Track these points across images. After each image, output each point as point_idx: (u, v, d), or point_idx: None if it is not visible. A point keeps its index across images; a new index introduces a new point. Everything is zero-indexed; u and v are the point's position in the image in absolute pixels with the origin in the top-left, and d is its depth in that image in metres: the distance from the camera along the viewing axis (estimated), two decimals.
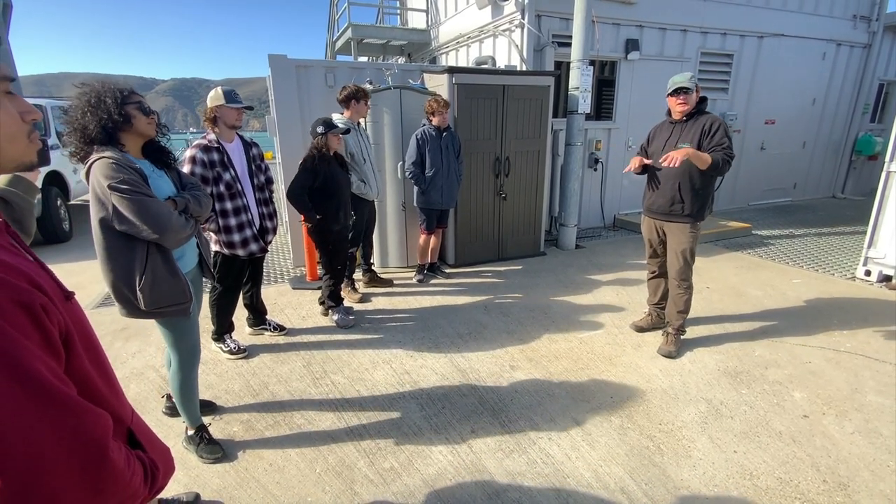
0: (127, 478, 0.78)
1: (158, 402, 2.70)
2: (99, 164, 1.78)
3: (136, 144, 1.95)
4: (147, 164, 1.99)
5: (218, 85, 3.01)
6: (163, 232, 1.84)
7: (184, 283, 1.97)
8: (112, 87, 1.82)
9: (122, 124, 1.83)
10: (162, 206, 1.86)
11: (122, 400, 0.92)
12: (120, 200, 1.76)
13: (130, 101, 1.85)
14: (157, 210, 1.82)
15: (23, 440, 0.63)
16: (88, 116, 1.77)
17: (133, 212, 1.78)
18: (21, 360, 0.64)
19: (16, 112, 0.82)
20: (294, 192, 3.36)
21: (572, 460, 2.28)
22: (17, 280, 0.69)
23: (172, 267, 1.94)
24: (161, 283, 1.89)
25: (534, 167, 5.25)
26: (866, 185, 9.57)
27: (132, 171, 1.81)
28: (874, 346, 3.35)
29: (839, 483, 2.13)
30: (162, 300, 1.91)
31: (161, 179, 2.02)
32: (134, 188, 1.78)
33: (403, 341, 3.49)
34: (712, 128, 2.99)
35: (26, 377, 0.64)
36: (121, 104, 1.81)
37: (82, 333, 0.82)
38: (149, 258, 1.87)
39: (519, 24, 5.70)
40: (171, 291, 1.92)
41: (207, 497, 2.08)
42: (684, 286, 3.24)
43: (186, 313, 2.03)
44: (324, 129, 3.32)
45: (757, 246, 5.96)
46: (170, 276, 1.92)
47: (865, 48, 8.48)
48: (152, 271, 1.87)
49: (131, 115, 1.85)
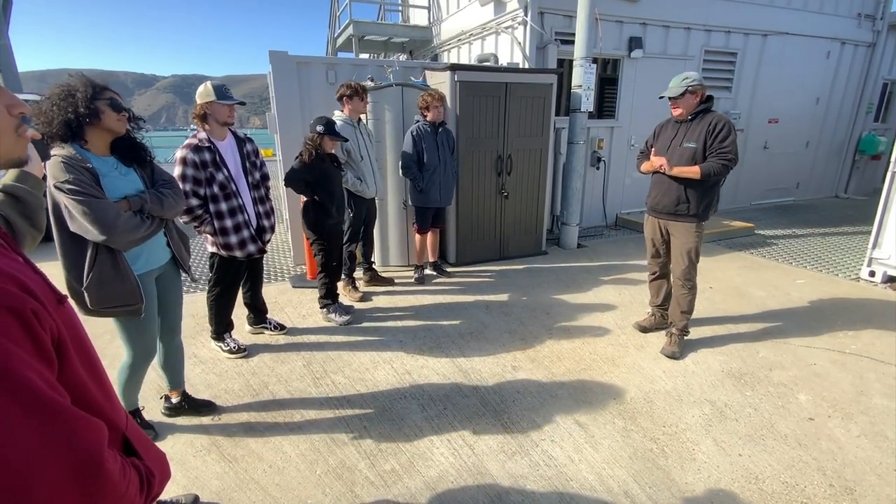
0: (122, 488, 0.76)
1: (156, 402, 2.68)
2: (50, 164, 1.77)
3: (103, 141, 1.91)
4: (111, 161, 1.95)
5: (219, 81, 2.95)
6: (109, 234, 1.80)
7: (133, 284, 1.93)
8: (85, 82, 1.79)
9: (88, 119, 1.80)
10: (109, 207, 1.82)
11: (116, 406, 0.90)
12: (67, 200, 1.76)
13: (101, 96, 1.82)
14: (102, 211, 1.78)
15: (14, 452, 0.61)
16: (54, 110, 1.75)
17: (80, 212, 1.76)
18: (11, 369, 0.62)
19: (2, 106, 0.79)
20: (289, 179, 3.41)
21: (575, 463, 2.26)
22: (6, 284, 0.67)
23: (122, 268, 1.91)
24: (108, 284, 1.87)
25: (536, 165, 5.22)
26: (869, 184, 9.53)
27: (82, 171, 1.79)
28: (879, 348, 3.32)
29: (845, 487, 2.11)
30: (109, 301, 1.89)
31: (124, 178, 1.97)
32: (79, 189, 1.76)
33: (404, 341, 3.47)
34: (717, 128, 2.95)
35: (17, 386, 0.62)
36: (90, 99, 1.78)
37: (75, 339, 0.80)
38: (97, 258, 1.84)
39: (521, 22, 5.66)
40: (119, 292, 1.89)
41: (206, 499, 2.06)
42: (688, 286, 3.21)
43: (137, 314, 2.00)
44: (322, 130, 3.31)
45: (760, 246, 5.93)
46: (118, 277, 1.88)
47: (870, 47, 8.43)
48: (99, 271, 1.85)
49: (100, 111, 1.81)
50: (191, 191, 2.73)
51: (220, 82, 2.91)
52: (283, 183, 3.40)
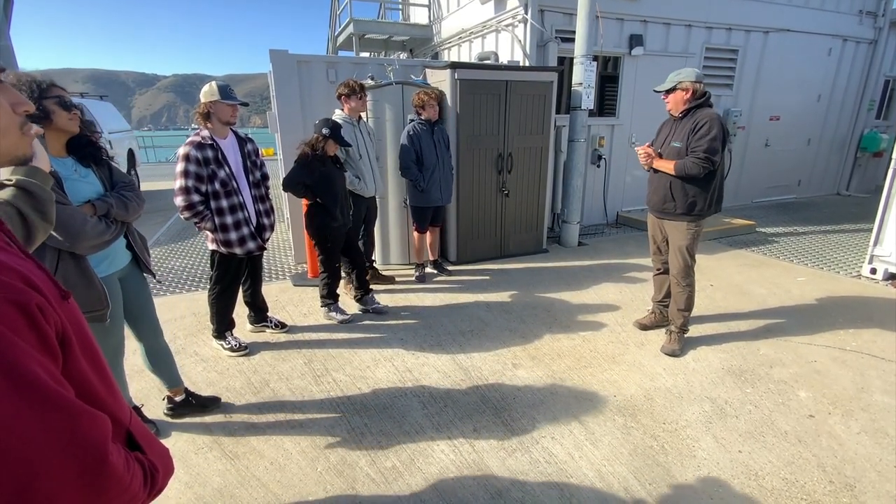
0: (126, 481, 0.77)
1: (159, 402, 2.69)
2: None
3: (58, 141, 1.85)
4: (69, 162, 1.89)
5: (221, 81, 2.97)
6: (74, 240, 1.73)
7: (99, 290, 1.85)
8: (28, 80, 1.70)
9: (39, 122, 1.70)
10: (75, 213, 1.75)
11: (120, 402, 0.90)
12: None
13: (49, 94, 1.73)
14: (68, 218, 1.70)
15: (18, 444, 0.61)
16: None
17: None
18: (16, 362, 0.62)
19: (6, 104, 0.79)
20: (286, 183, 3.40)
21: (575, 459, 2.27)
22: (11, 279, 0.67)
23: (87, 274, 1.82)
24: (73, 290, 1.84)
25: (536, 164, 5.21)
26: (871, 182, 9.50)
27: None
28: (880, 345, 3.32)
29: (846, 484, 2.11)
30: None
31: (83, 181, 1.91)
32: None
33: (405, 339, 3.47)
34: (698, 125, 2.93)
35: (21, 379, 0.62)
36: (37, 99, 1.69)
37: (79, 334, 0.80)
38: (59, 264, 1.75)
39: (522, 20, 5.65)
40: (85, 299, 1.80)
41: (207, 498, 2.07)
42: (684, 284, 3.21)
43: (102, 320, 1.91)
44: (328, 134, 3.31)
45: (761, 243, 5.92)
46: (83, 283, 1.79)
47: (871, 44, 8.40)
48: (63, 278, 1.75)
49: (49, 111, 1.74)
50: (193, 187, 2.74)
51: (225, 82, 2.94)
52: (282, 188, 3.39)
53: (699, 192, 3.04)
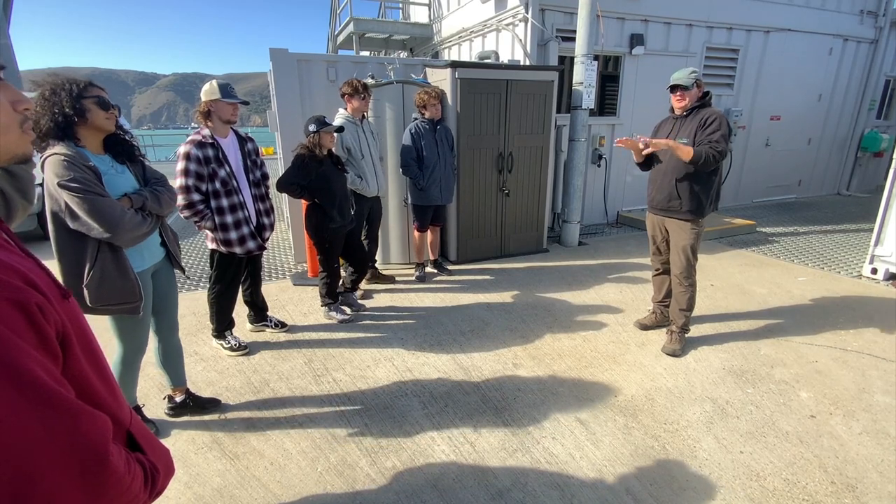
0: (127, 482, 0.76)
1: (159, 401, 2.68)
2: (50, 161, 1.76)
3: (95, 139, 1.91)
4: (107, 159, 1.95)
5: (222, 80, 2.96)
6: (114, 231, 1.82)
7: (133, 282, 1.94)
8: (69, 81, 1.78)
9: (76, 118, 1.79)
10: (114, 205, 1.83)
11: (120, 402, 0.90)
12: (71, 198, 1.75)
13: (87, 94, 1.81)
14: (108, 209, 1.80)
15: (18, 444, 0.61)
16: (40, 110, 1.74)
17: (84, 211, 1.76)
18: (16, 362, 0.62)
19: (6, 102, 0.79)
20: (281, 185, 3.39)
21: (576, 460, 2.26)
22: (11, 278, 0.66)
23: (123, 266, 1.92)
24: (109, 282, 1.88)
25: (537, 163, 5.21)
26: (872, 181, 9.51)
27: (85, 170, 1.78)
28: (881, 346, 3.31)
29: (847, 484, 2.11)
30: (109, 298, 1.90)
31: (121, 176, 1.98)
32: (85, 187, 1.75)
33: (405, 338, 3.47)
34: (707, 121, 2.96)
35: (21, 379, 0.62)
36: (76, 98, 1.77)
37: (80, 333, 0.80)
38: (98, 256, 1.85)
39: (522, 19, 5.64)
40: (119, 290, 1.90)
41: (207, 498, 2.06)
42: (686, 284, 3.20)
43: (136, 312, 2.00)
44: (316, 128, 3.29)
45: (761, 243, 5.91)
46: (119, 274, 1.89)
47: (872, 44, 8.39)
48: (101, 269, 1.85)
49: (86, 110, 1.81)
50: (193, 186, 2.74)
51: (225, 81, 2.93)
52: (276, 188, 3.36)
53: (703, 190, 3.05)
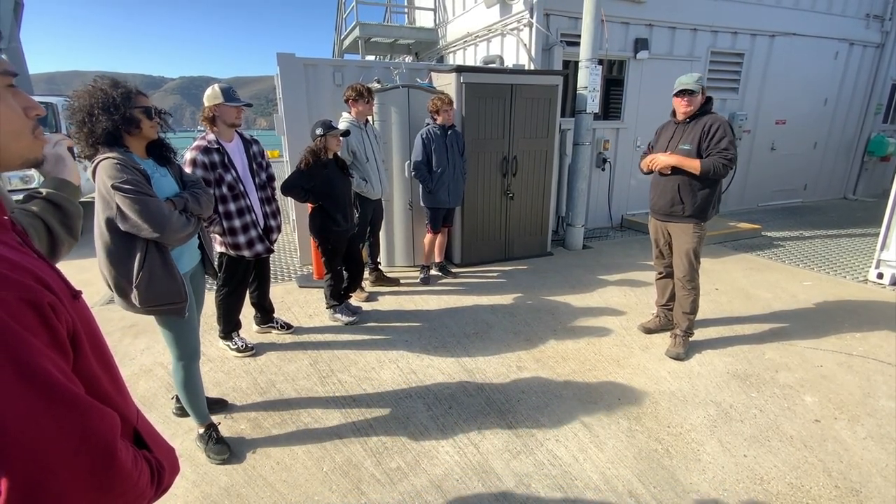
0: (134, 478, 0.78)
1: (167, 400, 2.71)
2: (104, 165, 1.82)
3: (140, 145, 1.99)
4: (150, 163, 2.03)
5: (226, 83, 2.98)
6: (163, 230, 1.88)
7: (180, 283, 1.99)
8: (122, 90, 1.84)
9: (129, 130, 1.88)
10: (162, 205, 1.90)
11: (128, 400, 0.92)
12: (123, 200, 1.80)
13: (138, 104, 1.88)
14: (158, 209, 1.86)
15: (30, 439, 0.62)
16: (97, 120, 1.79)
17: (135, 211, 1.81)
18: (29, 359, 0.63)
19: (19, 107, 0.81)
20: (285, 188, 3.41)
21: (580, 462, 2.27)
22: (24, 278, 0.68)
23: (170, 267, 1.97)
24: (157, 282, 1.92)
25: (541, 167, 5.23)
26: (878, 186, 9.45)
27: (136, 172, 1.85)
28: (886, 350, 3.30)
29: (851, 489, 2.10)
30: (157, 299, 1.94)
31: (164, 179, 2.06)
32: (136, 188, 1.82)
33: (410, 341, 3.49)
34: (712, 129, 2.95)
35: (34, 376, 0.63)
36: (129, 108, 1.84)
37: (89, 333, 0.82)
38: (147, 257, 1.90)
39: (527, 23, 5.67)
40: (166, 291, 1.95)
41: (214, 497, 2.09)
42: (689, 287, 3.21)
43: (181, 313, 2.05)
44: (322, 131, 3.33)
45: (766, 247, 5.90)
46: (167, 275, 1.95)
47: (878, 48, 8.37)
48: (150, 270, 1.90)
49: (137, 120, 1.88)
50: None
51: (228, 84, 2.94)
52: (280, 191, 3.40)
53: (707, 195, 3.06)
